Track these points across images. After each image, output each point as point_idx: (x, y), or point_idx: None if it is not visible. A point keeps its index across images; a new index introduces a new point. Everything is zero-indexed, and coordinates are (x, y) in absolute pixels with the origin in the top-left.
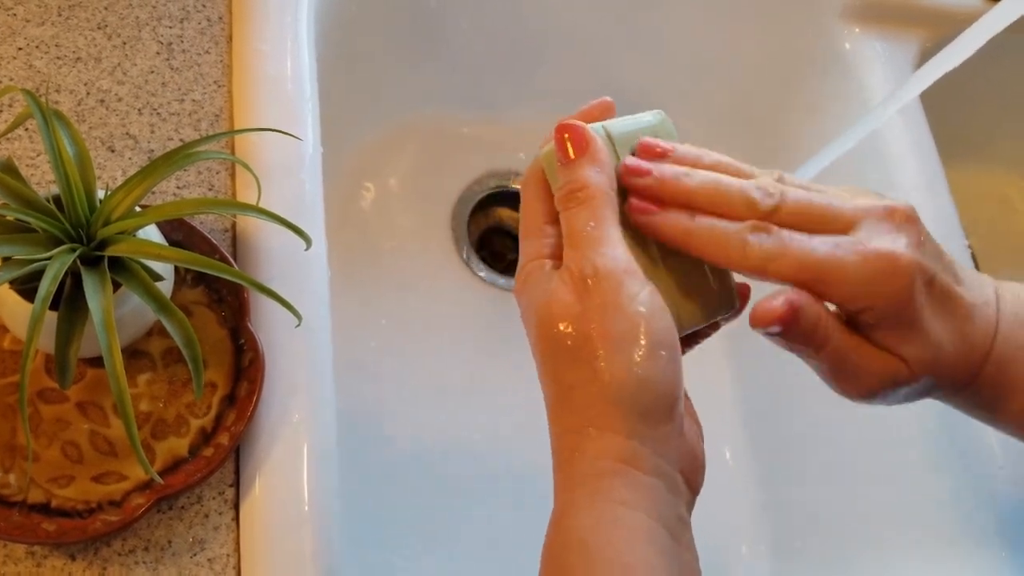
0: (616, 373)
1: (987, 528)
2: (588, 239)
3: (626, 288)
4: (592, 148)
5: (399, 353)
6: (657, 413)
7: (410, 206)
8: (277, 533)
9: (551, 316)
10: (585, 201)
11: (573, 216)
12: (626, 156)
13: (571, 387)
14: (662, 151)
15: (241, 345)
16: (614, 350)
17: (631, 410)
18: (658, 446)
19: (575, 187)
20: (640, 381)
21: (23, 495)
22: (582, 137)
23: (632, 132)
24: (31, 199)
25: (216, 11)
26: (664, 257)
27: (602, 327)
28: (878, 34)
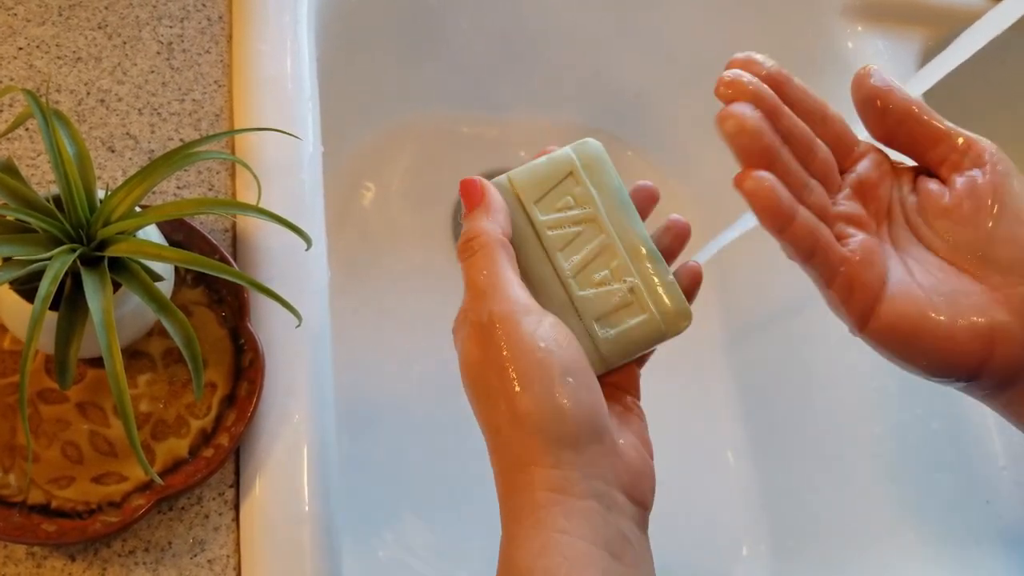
0: (530, 410)
1: (988, 529)
2: (483, 288)
3: (523, 327)
4: (485, 200)
5: (399, 353)
6: (579, 438)
7: (410, 206)
8: (277, 534)
9: (465, 366)
10: (479, 249)
11: (469, 265)
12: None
13: (497, 429)
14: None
15: (241, 345)
16: (523, 388)
17: (553, 441)
18: (588, 469)
19: (469, 236)
20: (554, 412)
21: (23, 496)
22: (475, 190)
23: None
24: (31, 199)
25: (216, 10)
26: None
27: (506, 370)
28: (880, 33)
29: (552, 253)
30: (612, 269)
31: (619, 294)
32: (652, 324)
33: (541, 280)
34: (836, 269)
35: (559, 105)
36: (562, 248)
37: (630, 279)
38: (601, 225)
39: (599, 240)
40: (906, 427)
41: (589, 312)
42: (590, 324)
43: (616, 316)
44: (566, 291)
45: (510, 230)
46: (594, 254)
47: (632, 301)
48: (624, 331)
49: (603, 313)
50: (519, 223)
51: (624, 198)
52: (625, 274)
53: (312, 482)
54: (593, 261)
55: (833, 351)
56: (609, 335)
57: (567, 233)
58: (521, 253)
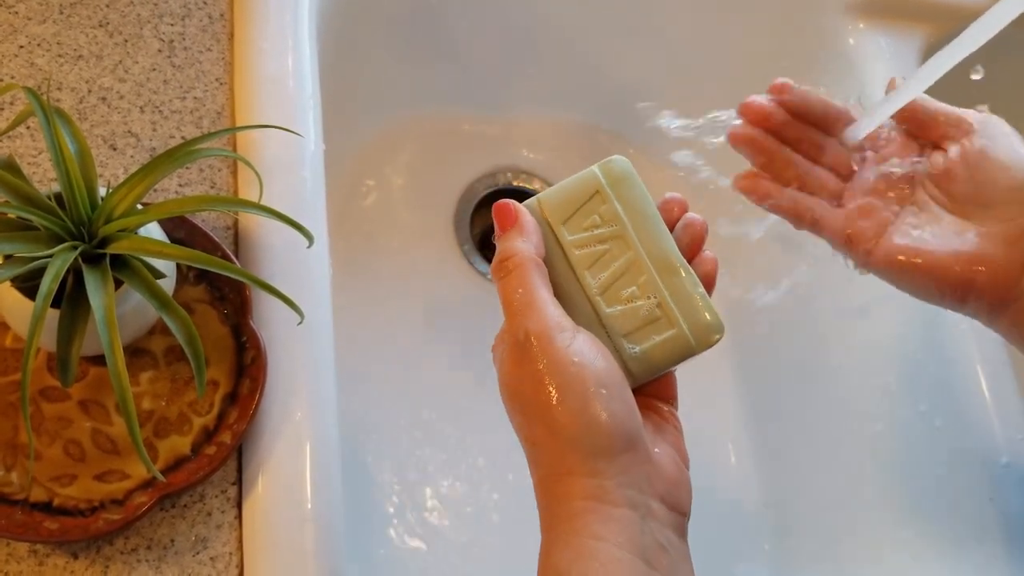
0: (565, 423)
1: (991, 527)
2: (518, 305)
3: (557, 343)
4: (519, 222)
5: (401, 350)
6: (613, 448)
7: (412, 203)
8: (279, 531)
9: (503, 384)
10: (513, 269)
11: (504, 285)
12: (559, 225)
13: (535, 443)
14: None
15: (243, 343)
16: (559, 402)
17: (588, 452)
18: (623, 478)
19: (503, 257)
20: (589, 424)
21: (25, 494)
22: (508, 213)
23: (564, 198)
24: (33, 197)
25: (217, 8)
26: (610, 308)
27: (543, 384)
28: (882, 30)
29: (580, 272)
30: (639, 285)
31: (646, 310)
32: (680, 339)
33: (570, 299)
34: (836, 229)
35: (561, 103)
36: (589, 266)
37: (658, 295)
38: (628, 242)
39: (626, 257)
40: (908, 424)
41: (617, 329)
42: (618, 341)
43: (643, 332)
44: (594, 309)
45: (543, 250)
46: (621, 271)
47: (660, 316)
48: (652, 347)
49: (630, 330)
50: (548, 244)
51: (652, 213)
52: (652, 290)
53: (314, 479)
54: (620, 278)
55: (835, 349)
56: (636, 352)
57: (594, 251)
58: (551, 273)
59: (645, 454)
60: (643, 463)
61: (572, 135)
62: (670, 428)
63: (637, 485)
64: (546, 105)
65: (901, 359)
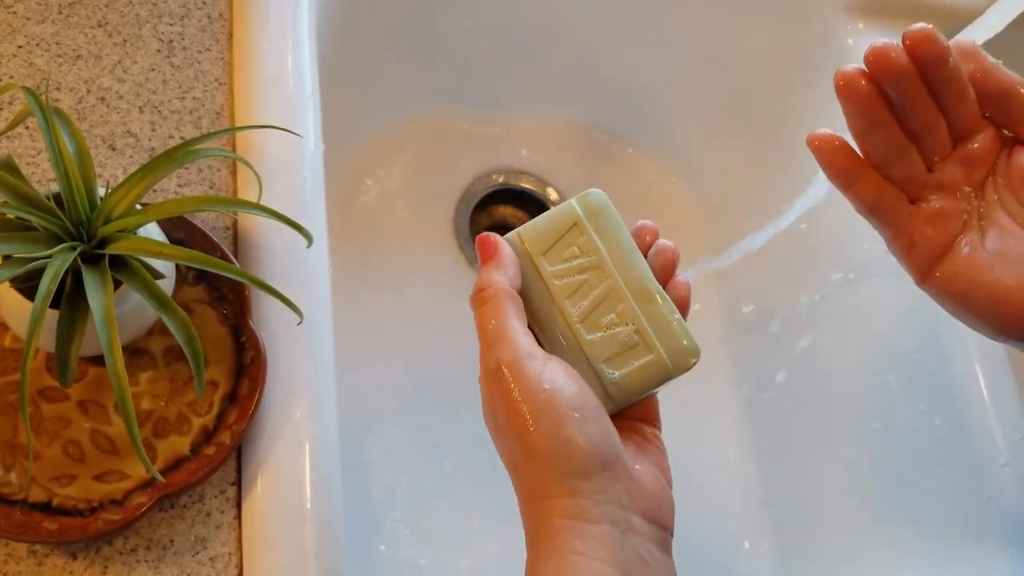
0: (540, 446)
1: (990, 526)
2: (491, 335)
3: (528, 371)
4: (498, 254)
5: (401, 350)
6: (589, 468)
7: (412, 204)
8: (279, 531)
9: (484, 412)
10: (487, 300)
11: (479, 315)
12: (539, 257)
13: (514, 465)
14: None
15: (242, 343)
16: (532, 427)
17: (565, 473)
18: (601, 495)
19: (479, 288)
20: (563, 446)
21: (24, 494)
22: (488, 245)
23: (544, 231)
24: (31, 197)
25: (217, 8)
26: (589, 335)
27: (517, 411)
28: (882, 29)
29: (560, 301)
30: (618, 312)
31: (624, 336)
32: (658, 363)
33: (551, 327)
34: (900, 226)
35: (561, 103)
36: (569, 296)
37: (635, 321)
38: (606, 271)
39: (604, 286)
40: (908, 423)
41: (597, 355)
42: (599, 367)
43: (623, 358)
44: (575, 336)
45: (519, 282)
46: (600, 299)
47: (638, 342)
48: (631, 371)
49: (610, 356)
50: (530, 275)
51: (628, 243)
52: (630, 317)
53: (314, 479)
54: (599, 306)
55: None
56: (616, 377)
57: (574, 281)
58: (533, 303)
59: (624, 471)
60: (622, 480)
61: (571, 135)
62: (652, 448)
63: (617, 501)
64: (546, 105)
65: (900, 359)
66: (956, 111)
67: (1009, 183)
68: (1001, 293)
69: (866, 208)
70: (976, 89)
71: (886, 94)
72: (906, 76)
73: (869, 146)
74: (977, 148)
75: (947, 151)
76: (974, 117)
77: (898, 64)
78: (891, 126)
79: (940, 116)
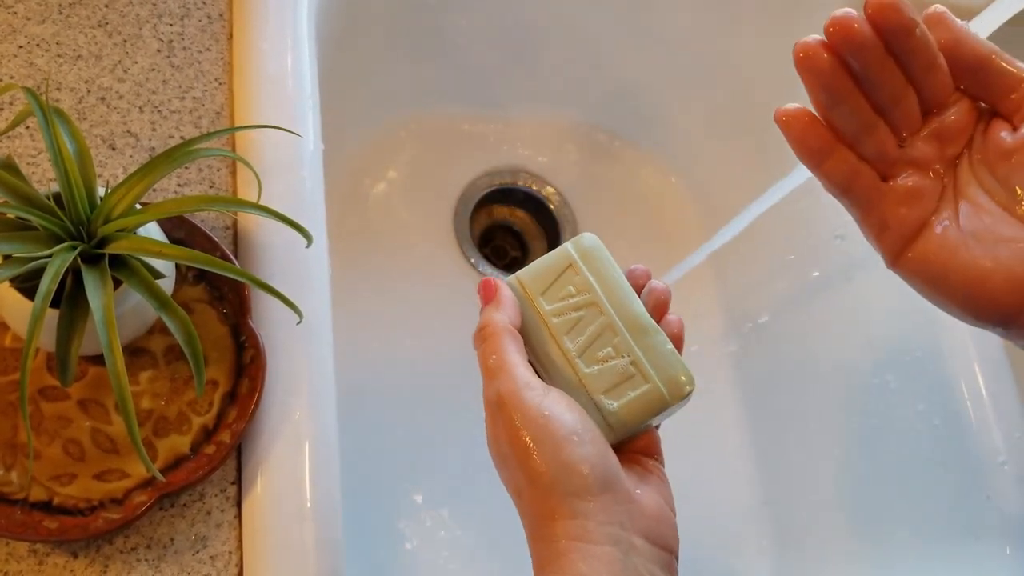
0: (542, 471)
1: (989, 524)
2: (492, 370)
3: (527, 400)
4: (497, 295)
5: (401, 350)
6: (590, 489)
7: (412, 203)
8: (279, 530)
9: (488, 443)
10: (488, 337)
11: (481, 352)
12: (537, 297)
13: (518, 491)
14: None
15: (242, 342)
16: (534, 452)
17: (566, 495)
18: (603, 516)
19: (481, 327)
20: (563, 468)
21: (25, 493)
22: (488, 289)
23: (541, 273)
24: (32, 197)
25: (216, 8)
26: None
27: (518, 438)
28: None
29: (559, 337)
30: (614, 346)
31: (621, 368)
32: (655, 393)
33: (551, 362)
34: (872, 205)
35: (560, 102)
36: (567, 332)
37: (631, 354)
38: (601, 307)
39: (600, 321)
40: (907, 422)
41: (596, 387)
42: (598, 398)
43: (620, 389)
44: (574, 370)
45: (518, 321)
46: (596, 334)
47: (634, 373)
48: (628, 402)
49: (608, 387)
50: (529, 315)
51: (620, 281)
52: (626, 349)
53: (313, 478)
54: (596, 341)
55: (834, 347)
56: (614, 407)
57: (571, 318)
58: (533, 340)
59: (625, 494)
60: (624, 502)
61: (571, 134)
62: (654, 479)
63: (619, 523)
64: (545, 104)
65: (900, 358)
66: (926, 82)
67: (985, 158)
68: (977, 275)
69: (837, 188)
70: (949, 59)
71: (850, 66)
72: (869, 47)
73: (835, 122)
74: (951, 121)
75: (917, 125)
76: (946, 89)
77: (860, 34)
78: (857, 100)
79: (909, 88)
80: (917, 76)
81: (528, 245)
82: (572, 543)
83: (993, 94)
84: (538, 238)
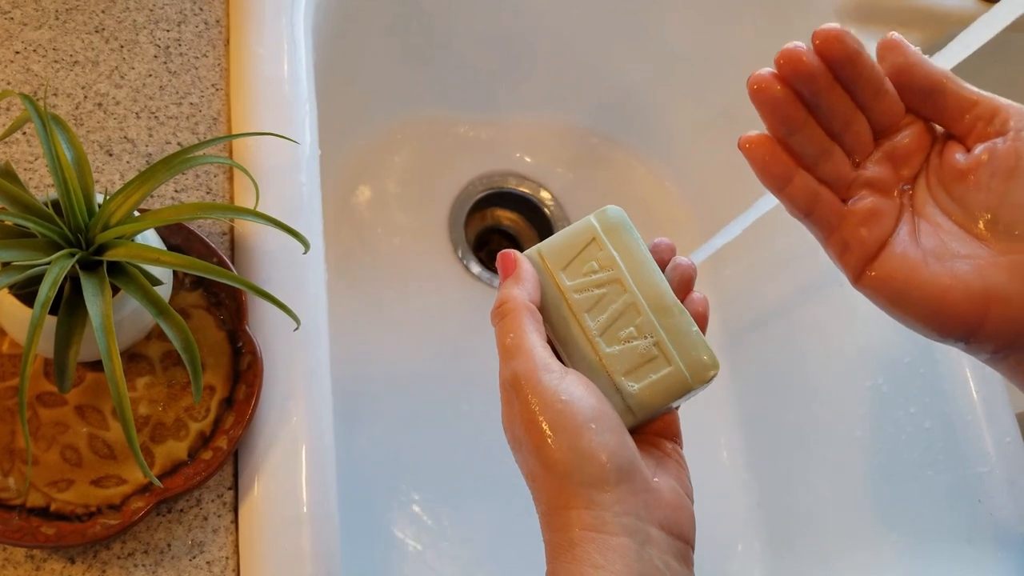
0: (559, 458)
1: (980, 527)
2: (509, 349)
3: (544, 383)
4: (517, 270)
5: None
6: (607, 479)
7: (407, 207)
8: (276, 535)
9: (503, 424)
10: (507, 314)
11: (499, 330)
12: (558, 272)
13: (533, 477)
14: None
15: (239, 348)
16: (550, 439)
17: (582, 484)
18: (619, 507)
19: (499, 303)
20: (581, 457)
21: (22, 499)
22: (509, 262)
23: (563, 247)
24: (29, 204)
25: (213, 14)
26: (609, 348)
27: (534, 423)
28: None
29: (579, 315)
30: (636, 326)
31: (643, 349)
32: (677, 376)
33: (571, 341)
34: (833, 227)
35: (555, 106)
36: (588, 309)
37: (654, 334)
38: (624, 285)
39: (623, 299)
40: (899, 425)
41: (617, 368)
42: (619, 380)
43: (642, 371)
44: (594, 350)
45: (538, 297)
46: (618, 313)
47: (657, 355)
48: (650, 384)
49: (630, 368)
50: (549, 290)
51: (646, 257)
52: (649, 330)
53: (310, 483)
54: (618, 320)
55: (827, 350)
56: (635, 389)
57: (593, 295)
58: (552, 317)
59: (643, 483)
60: (640, 492)
61: (566, 138)
62: (672, 464)
63: (635, 513)
64: (541, 108)
65: (891, 361)
66: (875, 107)
67: (941, 179)
68: (936, 291)
69: (800, 211)
70: (904, 83)
71: (802, 95)
72: (818, 76)
73: (793, 148)
74: (904, 144)
75: (869, 148)
76: (895, 112)
77: (809, 65)
78: (811, 127)
79: (858, 113)
80: (866, 102)
81: (522, 248)
82: (587, 533)
83: (947, 117)
84: (532, 241)
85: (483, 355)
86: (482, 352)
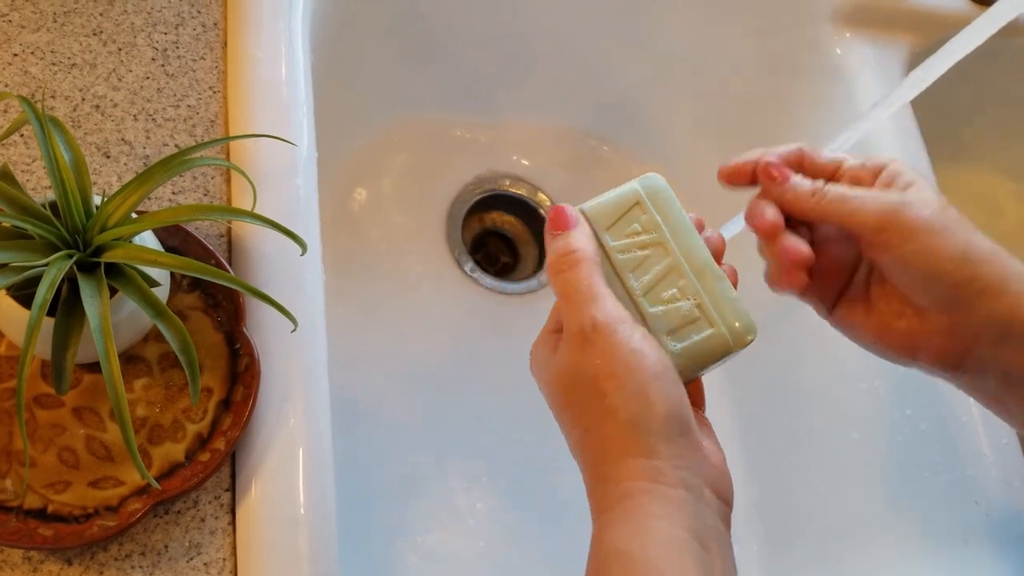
0: (625, 404)
1: (977, 528)
2: (584, 296)
3: (620, 334)
4: (578, 224)
5: (394, 356)
6: (670, 431)
7: (404, 209)
8: (273, 537)
9: (557, 373)
10: (578, 263)
11: (567, 277)
12: (602, 231)
13: (587, 428)
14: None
15: (237, 350)
16: (619, 386)
17: (646, 432)
18: (678, 460)
19: (565, 251)
20: (647, 405)
21: (20, 500)
22: (562, 216)
23: (607, 208)
24: (27, 205)
25: (211, 17)
26: (652, 308)
27: (606, 370)
28: (868, 39)
29: (623, 274)
30: (679, 288)
31: (686, 310)
32: (719, 338)
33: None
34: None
35: (552, 108)
36: (632, 270)
37: (696, 297)
38: (667, 248)
39: (666, 262)
40: (895, 427)
41: (660, 327)
42: (662, 339)
43: (684, 331)
44: (638, 309)
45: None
46: (662, 274)
47: (699, 317)
48: (692, 345)
49: (673, 328)
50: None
51: (687, 224)
52: (692, 292)
53: (308, 485)
54: (661, 281)
55: (824, 352)
56: (678, 348)
57: (636, 256)
58: None
59: (696, 442)
60: (696, 449)
61: (564, 140)
62: (705, 427)
63: (691, 468)
64: (538, 111)
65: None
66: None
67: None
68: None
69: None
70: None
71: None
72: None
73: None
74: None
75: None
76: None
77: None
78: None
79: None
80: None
81: (519, 251)
82: (644, 483)
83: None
84: (529, 244)
85: (481, 356)
86: (480, 353)
